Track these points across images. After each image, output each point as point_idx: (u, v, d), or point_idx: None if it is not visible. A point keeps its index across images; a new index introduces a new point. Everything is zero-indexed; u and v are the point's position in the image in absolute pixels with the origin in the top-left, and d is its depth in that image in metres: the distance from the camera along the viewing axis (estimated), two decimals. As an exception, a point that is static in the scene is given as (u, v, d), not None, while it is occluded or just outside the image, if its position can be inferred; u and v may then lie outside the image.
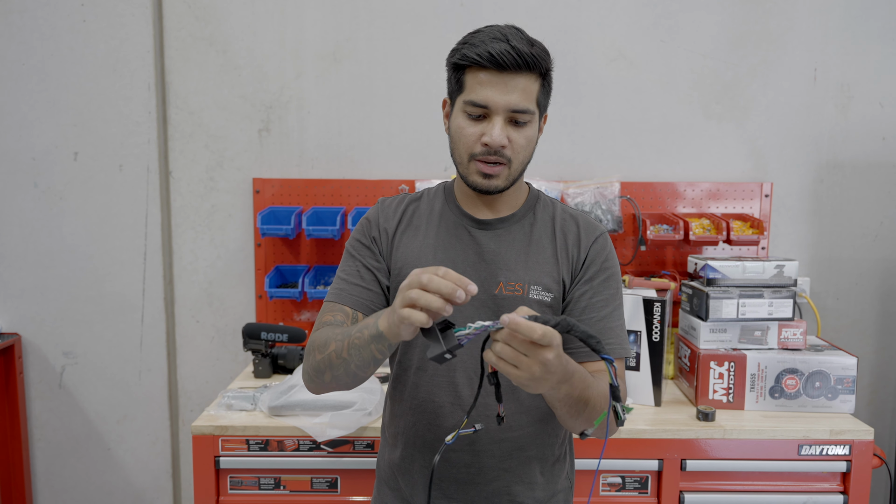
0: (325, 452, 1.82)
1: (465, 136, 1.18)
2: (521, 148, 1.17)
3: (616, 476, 1.84)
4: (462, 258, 1.24)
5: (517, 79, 1.13)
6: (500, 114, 1.14)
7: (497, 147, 1.15)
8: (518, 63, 1.12)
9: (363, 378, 1.15)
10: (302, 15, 2.39)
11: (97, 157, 2.44)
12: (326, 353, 1.14)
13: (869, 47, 2.42)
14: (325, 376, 1.16)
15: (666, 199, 2.43)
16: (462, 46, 1.16)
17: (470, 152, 1.18)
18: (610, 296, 1.24)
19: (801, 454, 1.82)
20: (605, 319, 1.22)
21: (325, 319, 1.23)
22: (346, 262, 1.28)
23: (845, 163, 2.47)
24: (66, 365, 2.51)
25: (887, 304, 2.52)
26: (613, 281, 1.25)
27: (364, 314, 1.23)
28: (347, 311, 1.23)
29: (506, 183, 1.20)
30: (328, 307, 1.25)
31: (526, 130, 1.17)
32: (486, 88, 1.13)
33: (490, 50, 1.11)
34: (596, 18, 2.41)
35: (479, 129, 1.16)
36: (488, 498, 1.25)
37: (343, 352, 1.11)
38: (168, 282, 2.47)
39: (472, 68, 1.15)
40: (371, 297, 1.25)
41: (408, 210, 1.30)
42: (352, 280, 1.26)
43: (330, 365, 1.14)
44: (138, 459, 2.55)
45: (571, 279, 1.25)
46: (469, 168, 1.19)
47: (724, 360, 1.96)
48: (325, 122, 2.43)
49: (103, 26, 2.39)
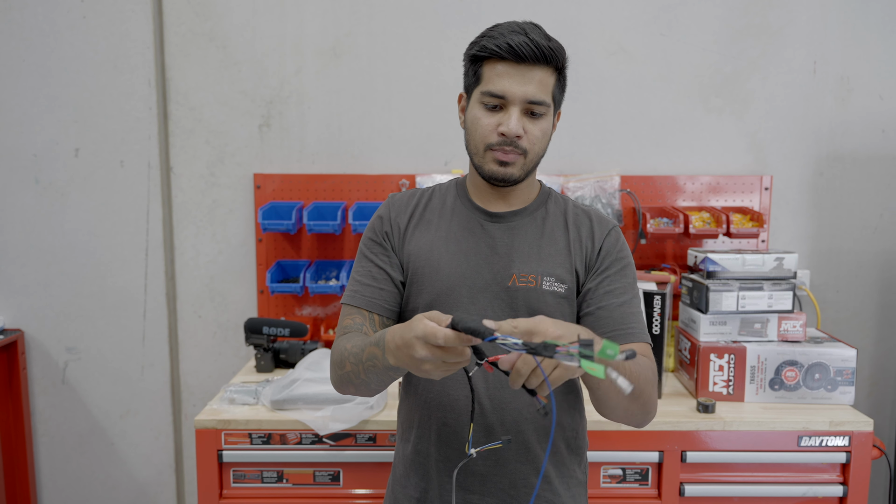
0: (328, 446, 1.83)
1: (481, 126, 1.19)
2: (536, 140, 1.19)
3: (617, 468, 1.85)
4: (475, 251, 1.25)
5: (534, 71, 1.15)
6: (516, 104, 1.16)
7: (513, 137, 1.16)
8: (536, 55, 1.13)
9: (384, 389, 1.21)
10: (301, 10, 2.39)
11: (98, 154, 2.45)
12: (344, 371, 1.17)
13: (869, 40, 2.42)
14: (349, 388, 1.21)
15: (666, 193, 2.44)
16: (481, 39, 1.18)
17: (486, 142, 1.19)
18: (627, 284, 1.25)
19: (800, 445, 1.83)
20: (625, 305, 1.23)
21: (345, 324, 1.25)
22: (360, 263, 1.30)
23: (845, 155, 2.47)
24: (68, 360, 2.52)
25: (887, 297, 2.52)
26: (629, 271, 1.27)
27: (379, 314, 1.25)
28: (364, 314, 1.25)
29: (521, 172, 1.21)
30: (345, 311, 1.27)
31: (541, 123, 1.18)
32: (504, 79, 1.15)
33: (509, 41, 1.13)
34: (596, 12, 2.41)
35: (496, 119, 1.17)
36: (506, 490, 1.25)
37: (361, 374, 1.14)
38: (170, 277, 2.48)
39: (490, 60, 1.16)
40: (384, 297, 1.26)
41: (419, 204, 1.31)
42: (365, 281, 1.27)
43: (351, 382, 1.18)
44: (141, 454, 2.57)
45: (586, 271, 1.25)
46: (485, 157, 1.20)
47: (724, 353, 1.97)
48: (326, 118, 2.44)
49: (103, 23, 2.39)
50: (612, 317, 1.21)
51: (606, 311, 1.21)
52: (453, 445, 1.25)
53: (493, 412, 1.22)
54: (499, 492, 1.25)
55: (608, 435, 1.82)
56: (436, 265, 1.24)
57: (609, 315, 1.21)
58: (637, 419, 1.20)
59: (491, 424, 1.23)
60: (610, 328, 1.20)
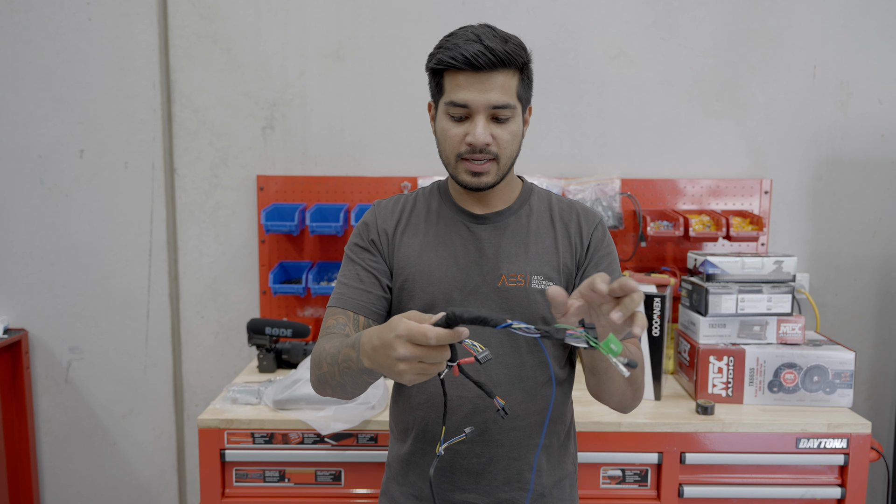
0: (329, 445, 1.84)
1: (449, 137, 1.20)
2: (506, 143, 1.20)
3: (616, 469, 1.86)
4: (463, 253, 1.26)
5: (494, 76, 1.15)
6: (481, 112, 1.17)
7: (481, 146, 1.17)
8: (493, 62, 1.14)
9: (361, 393, 1.18)
10: (305, 13, 2.41)
11: (103, 155, 2.46)
12: (321, 372, 1.16)
13: (868, 45, 2.44)
14: (326, 389, 1.20)
15: (666, 196, 2.45)
16: (437, 51, 1.19)
17: (456, 152, 1.20)
18: (614, 277, 1.27)
19: (799, 447, 1.84)
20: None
21: (328, 324, 1.25)
22: (346, 267, 1.30)
23: (844, 159, 2.48)
24: (72, 360, 2.54)
25: (886, 300, 2.53)
26: (616, 262, 1.31)
27: (365, 316, 1.25)
28: (349, 315, 1.25)
29: (496, 178, 1.22)
30: (330, 312, 1.27)
31: (509, 125, 1.19)
32: (465, 90, 1.16)
33: (464, 52, 1.13)
34: (596, 16, 2.42)
35: (463, 129, 1.19)
36: (500, 486, 1.27)
37: (336, 375, 1.12)
38: (173, 278, 2.50)
39: (449, 71, 1.17)
40: (371, 300, 1.26)
41: (405, 210, 1.32)
42: (352, 284, 1.27)
43: (328, 383, 1.17)
44: (144, 453, 2.58)
45: (576, 266, 1.27)
46: (458, 168, 1.22)
47: (723, 355, 1.98)
48: (328, 120, 2.45)
49: (109, 25, 2.41)
50: None
51: None
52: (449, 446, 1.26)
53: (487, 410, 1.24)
54: (494, 489, 1.27)
55: (607, 436, 1.83)
56: (426, 270, 1.25)
57: None
58: (628, 404, 1.22)
59: (485, 422, 1.24)
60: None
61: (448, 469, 1.27)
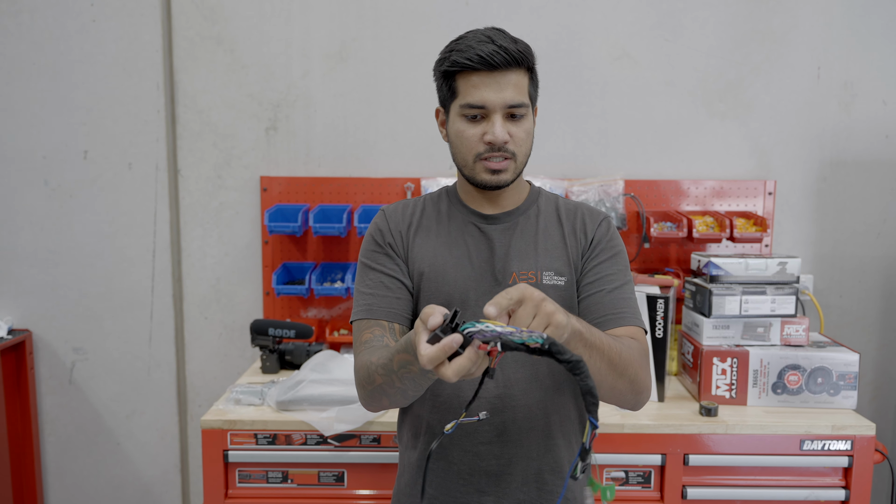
0: (332, 446, 1.84)
1: (466, 138, 1.21)
2: (522, 141, 1.21)
3: (619, 470, 1.86)
4: (476, 253, 1.27)
5: (508, 75, 1.17)
6: (498, 111, 1.18)
7: (501, 143, 1.19)
8: (507, 60, 1.15)
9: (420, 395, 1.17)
10: (308, 14, 2.41)
11: (107, 156, 2.47)
12: (375, 386, 1.15)
13: (872, 45, 2.43)
14: (382, 401, 1.18)
15: (670, 197, 2.45)
16: (449, 54, 1.19)
17: (474, 153, 1.21)
18: (619, 271, 1.27)
19: (802, 449, 1.84)
20: (618, 291, 1.25)
21: (364, 339, 1.22)
22: (366, 276, 1.28)
23: (848, 160, 2.48)
24: (76, 361, 2.55)
25: (890, 301, 2.53)
26: (621, 258, 1.29)
27: (400, 324, 1.24)
28: (384, 325, 1.23)
29: (513, 175, 1.23)
30: (362, 326, 1.23)
31: (524, 123, 1.21)
32: (481, 90, 1.17)
33: (479, 52, 1.15)
34: (600, 17, 2.42)
35: (480, 129, 1.20)
36: (519, 488, 1.26)
37: (395, 382, 1.10)
38: (177, 279, 2.50)
39: (463, 73, 1.18)
40: (402, 306, 1.25)
41: (415, 212, 1.32)
42: (379, 293, 1.25)
43: (385, 394, 1.15)
44: (147, 454, 2.59)
45: (582, 261, 1.28)
46: (475, 168, 1.22)
47: (726, 356, 1.98)
48: (332, 121, 2.46)
49: (113, 26, 2.41)
50: (604, 302, 1.24)
51: (599, 297, 1.24)
52: (467, 448, 1.26)
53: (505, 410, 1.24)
54: (513, 490, 1.25)
55: (611, 438, 1.83)
56: (441, 270, 1.26)
57: (601, 301, 1.24)
58: (627, 398, 1.19)
59: (504, 422, 1.24)
60: (602, 313, 1.23)
61: (467, 472, 1.26)
